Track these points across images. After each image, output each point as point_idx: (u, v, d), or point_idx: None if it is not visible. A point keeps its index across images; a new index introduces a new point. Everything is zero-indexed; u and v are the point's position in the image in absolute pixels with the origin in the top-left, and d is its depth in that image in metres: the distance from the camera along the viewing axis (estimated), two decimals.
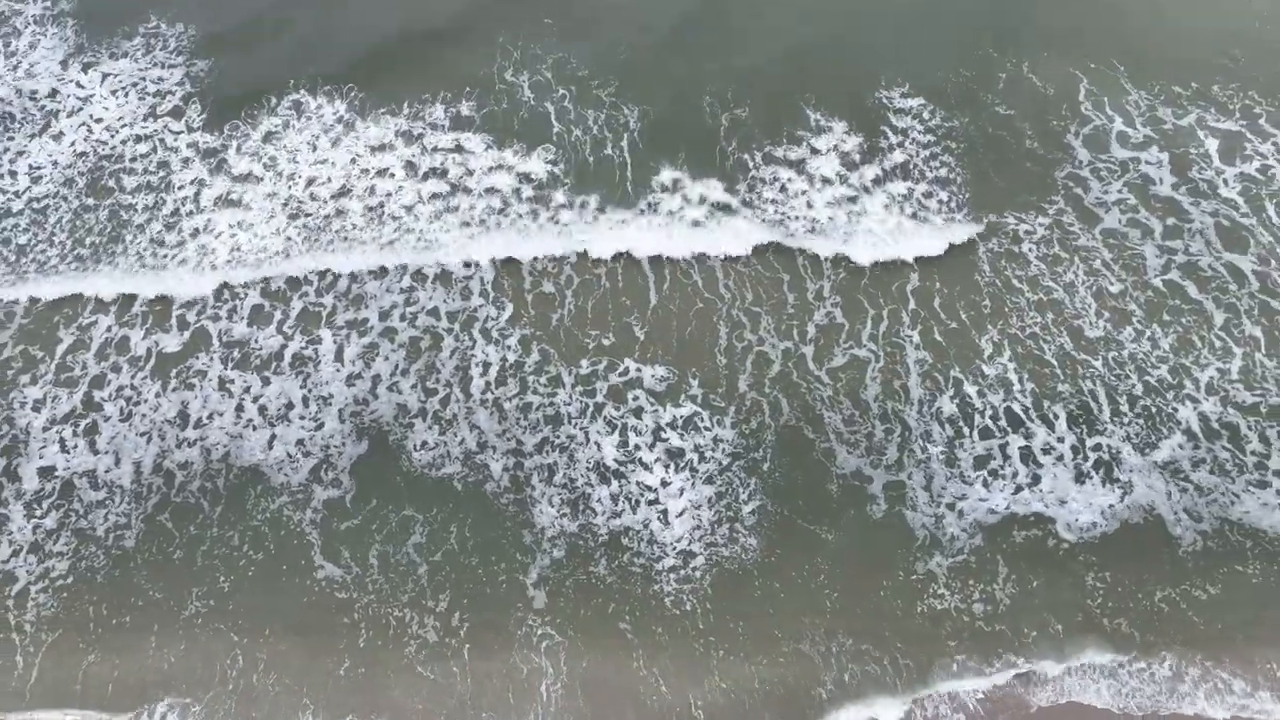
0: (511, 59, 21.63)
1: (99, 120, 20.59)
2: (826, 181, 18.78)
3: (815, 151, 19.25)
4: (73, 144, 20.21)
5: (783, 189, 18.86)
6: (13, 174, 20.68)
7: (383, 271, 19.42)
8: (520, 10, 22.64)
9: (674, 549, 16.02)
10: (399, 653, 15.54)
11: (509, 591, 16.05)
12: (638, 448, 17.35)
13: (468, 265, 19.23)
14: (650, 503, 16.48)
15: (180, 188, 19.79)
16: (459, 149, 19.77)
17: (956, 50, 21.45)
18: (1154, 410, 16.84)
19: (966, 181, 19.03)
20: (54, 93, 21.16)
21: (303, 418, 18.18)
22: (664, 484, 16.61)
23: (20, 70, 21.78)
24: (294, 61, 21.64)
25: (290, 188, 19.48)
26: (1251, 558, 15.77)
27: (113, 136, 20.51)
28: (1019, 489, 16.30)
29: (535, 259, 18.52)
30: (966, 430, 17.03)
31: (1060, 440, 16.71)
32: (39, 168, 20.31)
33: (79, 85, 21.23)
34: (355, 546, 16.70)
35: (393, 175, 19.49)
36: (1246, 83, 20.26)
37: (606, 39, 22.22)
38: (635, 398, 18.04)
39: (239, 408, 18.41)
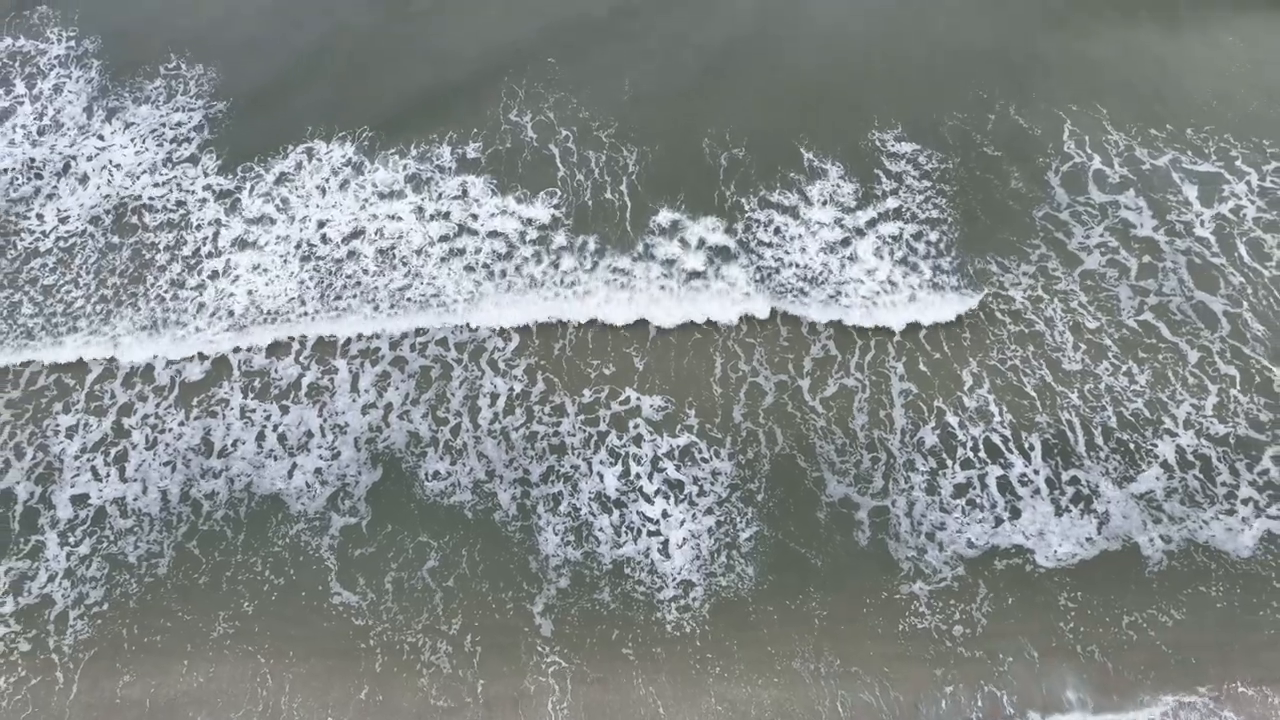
0: (516, 99, 22.58)
1: (119, 167, 21.48)
2: (821, 225, 19.64)
3: (808, 201, 20.10)
4: (97, 188, 21.09)
5: (778, 232, 19.72)
6: (40, 216, 21.61)
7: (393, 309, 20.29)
8: (525, 50, 23.45)
9: (674, 579, 16.95)
10: (413, 680, 16.50)
11: (516, 618, 17.07)
12: (638, 477, 18.27)
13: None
14: (651, 534, 17.39)
15: (198, 227, 20.73)
16: (464, 193, 20.68)
17: (948, 92, 22.28)
18: (1132, 443, 17.71)
19: (956, 223, 19.87)
20: (77, 143, 22.02)
21: (320, 446, 19.10)
22: (664, 515, 17.51)
23: (46, 118, 22.72)
24: (308, 103, 22.59)
25: (302, 230, 20.41)
26: (1215, 579, 16.58)
27: (134, 182, 21.40)
28: (999, 521, 17.19)
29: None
30: (949, 460, 17.90)
31: (1036, 473, 17.57)
32: (65, 211, 21.25)
33: (100, 139, 22.09)
34: (371, 573, 17.71)
35: (400, 219, 20.39)
36: (1221, 125, 21.07)
37: (607, 80, 23.15)
38: (635, 426, 18.97)
39: (260, 436, 19.34)
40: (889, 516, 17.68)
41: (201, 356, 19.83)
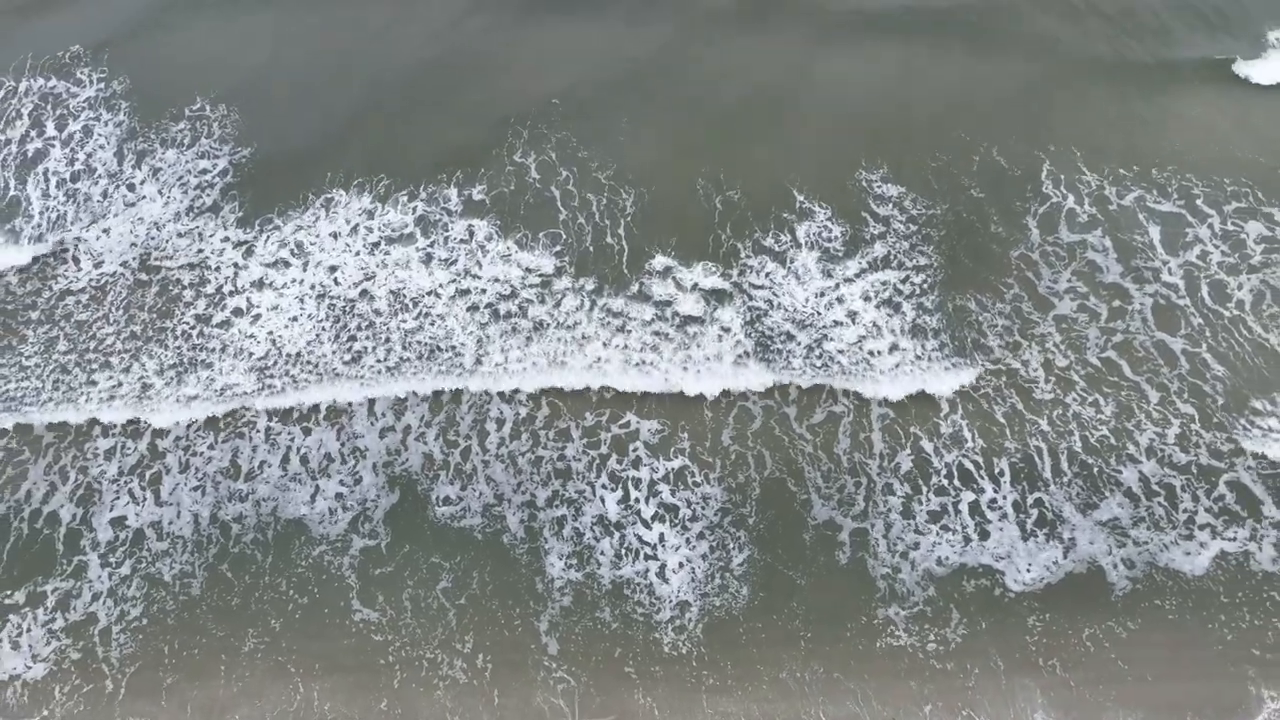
0: (521, 139, 23.90)
1: (145, 218, 22.86)
2: (809, 270, 20.92)
3: (798, 245, 21.35)
4: (129, 240, 22.46)
5: (768, 276, 21.00)
6: (76, 260, 23.02)
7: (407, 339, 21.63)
8: (531, 94, 24.73)
9: (670, 602, 18.34)
10: (430, 692, 18.04)
11: (525, 635, 18.56)
12: (637, 500, 19.66)
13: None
14: (648, 557, 18.79)
15: (217, 268, 22.08)
16: (470, 236, 22.01)
17: (932, 134, 23.46)
18: (1097, 471, 19.02)
19: (940, 268, 21.13)
20: (108, 192, 23.41)
21: (340, 471, 20.52)
22: (661, 539, 18.89)
23: (78, 162, 24.10)
24: (327, 148, 23.96)
25: (316, 275, 21.76)
26: (1170, 594, 18.03)
27: (159, 231, 22.76)
28: (968, 541, 18.55)
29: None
30: (923, 485, 19.24)
31: (1004, 498, 18.90)
32: (100, 254, 22.63)
33: (130, 188, 23.45)
34: (389, 591, 19.18)
35: (410, 263, 21.72)
36: (1184, 165, 22.26)
37: (606, 119, 24.52)
38: (634, 449, 20.34)
39: (284, 459, 20.77)
40: (869, 538, 18.99)
41: (227, 390, 21.13)
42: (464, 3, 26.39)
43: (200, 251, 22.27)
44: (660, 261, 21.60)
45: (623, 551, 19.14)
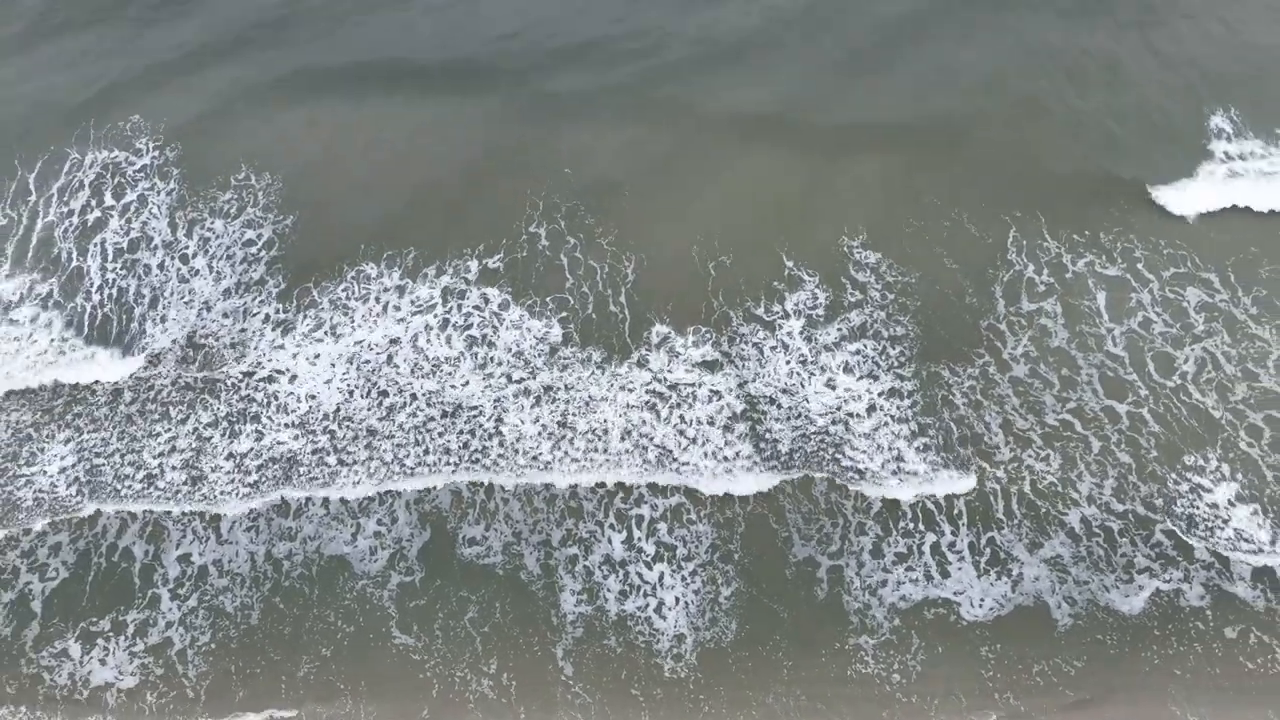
0: (538, 210, 26.53)
1: (195, 294, 25.76)
2: (793, 338, 23.55)
3: (785, 314, 23.90)
4: (180, 321, 25.34)
5: (757, 347, 23.59)
6: (147, 325, 25.91)
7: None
8: (544, 160, 27.37)
9: (668, 635, 21.16)
10: (464, 706, 20.98)
11: (544, 659, 21.51)
12: (640, 539, 22.41)
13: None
14: (649, 594, 21.58)
15: (259, 334, 24.89)
16: (485, 302, 24.73)
17: (906, 197, 25.84)
18: (1043, 513, 21.61)
19: (917, 338, 23.93)
20: (164, 264, 26.22)
21: (377, 510, 23.33)
22: (660, 580, 21.66)
23: (134, 230, 26.91)
24: (361, 219, 26.71)
25: (349, 342, 24.84)
26: (1110, 629, 20.65)
27: (209, 311, 25.67)
28: (930, 577, 21.22)
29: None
30: (892, 526, 21.89)
31: (960, 540, 21.54)
32: (164, 321, 25.51)
33: (183, 259, 26.24)
34: (424, 620, 22.16)
35: (432, 330, 24.42)
36: (1127, 228, 24.62)
37: (610, 186, 27.39)
38: (637, 487, 23.03)
39: (325, 499, 23.60)
40: (843, 574, 21.69)
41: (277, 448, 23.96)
42: (497, 110, 29.20)
43: (243, 331, 25.02)
44: (659, 331, 24.16)
45: (627, 588, 21.90)
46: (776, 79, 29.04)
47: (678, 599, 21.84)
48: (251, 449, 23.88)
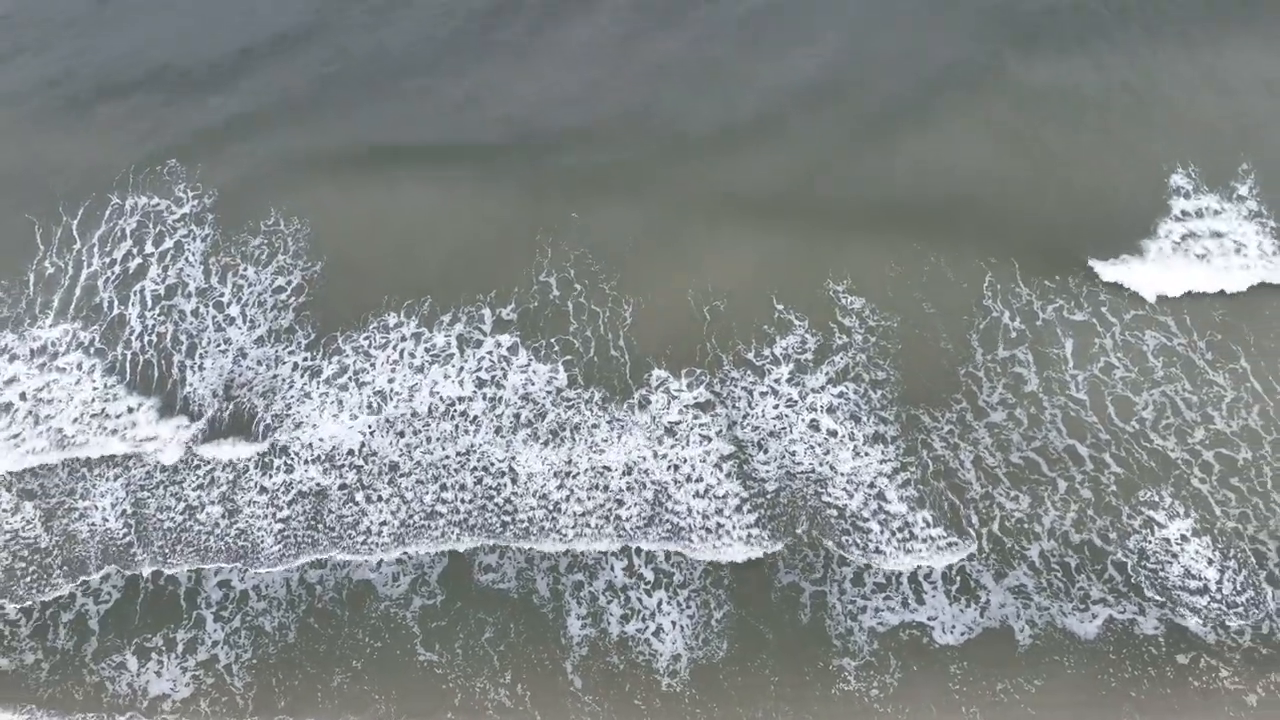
0: (547, 257, 28.54)
1: (230, 342, 28.06)
2: (781, 382, 25.54)
3: (775, 359, 25.85)
4: (213, 363, 27.60)
5: (748, 391, 25.59)
6: (186, 373, 28.12)
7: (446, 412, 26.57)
8: (554, 208, 29.38)
9: (665, 656, 23.33)
10: (483, 713, 23.36)
11: (554, 673, 23.91)
12: (639, 565, 24.52)
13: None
14: (647, 618, 23.71)
15: (288, 382, 27.15)
16: (498, 346, 26.73)
17: (889, 244, 27.64)
18: (1009, 547, 23.57)
19: (898, 382, 26.01)
20: (198, 310, 28.41)
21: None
22: (660, 606, 23.78)
23: (170, 277, 29.10)
24: (384, 268, 28.83)
25: (370, 389, 27.11)
26: (1068, 651, 22.78)
27: (244, 359, 27.98)
28: (906, 604, 23.25)
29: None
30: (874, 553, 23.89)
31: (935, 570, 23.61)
32: (202, 370, 27.75)
33: (217, 307, 28.33)
34: (445, 639, 24.50)
35: (449, 376, 26.51)
36: (1089, 275, 26.44)
37: (614, 231, 29.64)
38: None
39: (356, 524, 25.82)
40: (825, 599, 23.74)
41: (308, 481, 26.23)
42: (513, 193, 31.27)
43: (275, 377, 27.20)
44: (657, 375, 26.15)
45: (628, 612, 24.06)
46: (775, 157, 31.08)
47: (674, 623, 23.97)
48: (283, 481, 26.07)
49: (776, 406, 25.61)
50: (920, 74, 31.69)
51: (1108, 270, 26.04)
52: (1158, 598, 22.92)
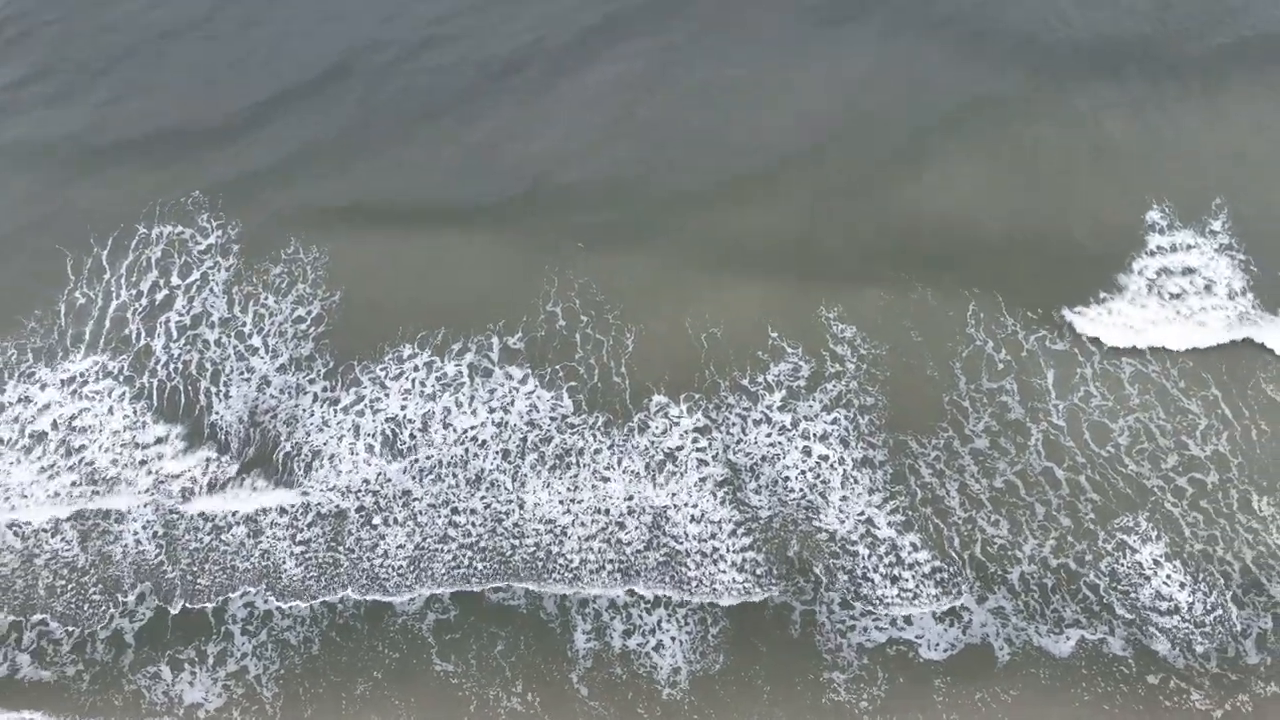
0: (555, 286, 29.85)
1: (254, 371, 29.49)
2: (774, 409, 26.81)
3: (769, 387, 27.09)
4: (237, 390, 29.10)
5: (743, 417, 26.88)
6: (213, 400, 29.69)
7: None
8: (562, 237, 30.84)
9: (665, 669, 24.81)
10: (496, 717, 25.02)
11: (561, 682, 25.59)
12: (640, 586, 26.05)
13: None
14: (648, 634, 25.16)
15: (309, 411, 28.57)
16: (508, 378, 28.16)
17: (877, 272, 28.85)
18: (990, 571, 24.88)
19: (885, 409, 27.36)
20: (221, 340, 29.86)
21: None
22: (659, 624, 25.21)
23: (195, 307, 30.48)
24: (399, 300, 30.16)
25: (384, 418, 28.67)
26: (1041, 665, 24.26)
27: (267, 388, 29.44)
28: (894, 623, 24.61)
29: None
30: (861, 577, 25.24)
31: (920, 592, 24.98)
32: (228, 398, 29.26)
33: (239, 337, 29.76)
34: (460, 651, 26.01)
35: (461, 405, 27.86)
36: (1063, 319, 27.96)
37: (617, 260, 31.03)
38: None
39: (374, 546, 27.31)
40: (815, 616, 25.14)
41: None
42: (523, 236, 32.54)
43: (297, 405, 28.66)
44: (656, 401, 27.47)
45: (630, 628, 25.52)
46: (772, 207, 32.11)
47: (673, 639, 25.43)
48: (302, 504, 27.58)
49: (769, 435, 26.93)
50: (909, 124, 32.96)
51: (1082, 322, 27.17)
52: (1128, 616, 24.22)
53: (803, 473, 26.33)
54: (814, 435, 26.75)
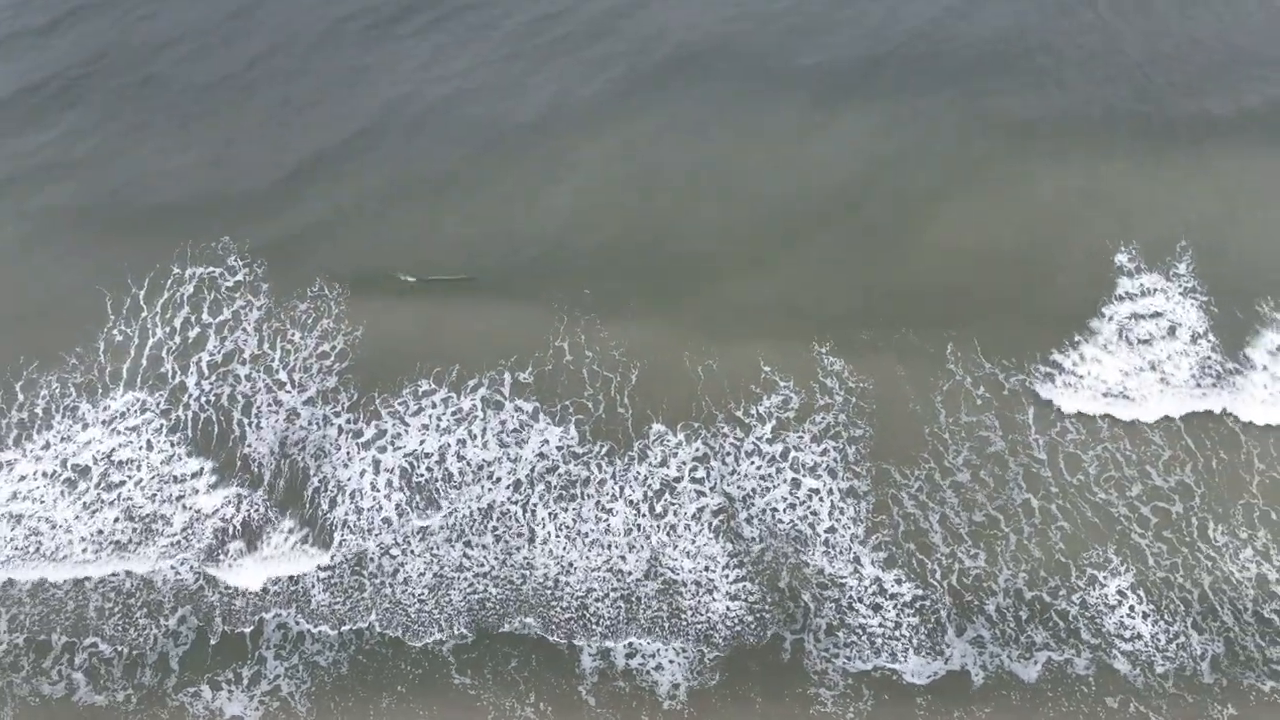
0: (563, 323, 31.52)
1: (281, 404, 31.45)
2: (764, 440, 28.48)
3: (760, 418, 28.67)
4: (268, 423, 31.01)
5: (737, 446, 28.53)
6: (245, 429, 31.52)
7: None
8: (569, 279, 32.66)
9: (665, 685, 26.66)
10: None
11: (571, 694, 27.55)
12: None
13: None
14: (647, 656, 26.96)
15: (336, 444, 30.48)
16: (518, 411, 29.89)
17: (862, 311, 30.35)
18: (971, 602, 26.53)
19: (870, 439, 29.07)
20: (250, 375, 31.59)
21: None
22: (659, 648, 27.01)
23: (228, 344, 32.20)
24: (413, 338, 31.87)
25: (402, 452, 30.60)
26: (1012, 687, 25.98)
27: (295, 421, 31.34)
28: (879, 652, 26.30)
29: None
30: (846, 609, 26.95)
31: (905, 624, 26.60)
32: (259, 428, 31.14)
33: (267, 371, 31.50)
34: (476, 667, 27.87)
35: (475, 437, 29.58)
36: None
37: (620, 301, 33.38)
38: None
39: (394, 572, 29.15)
40: (803, 642, 26.87)
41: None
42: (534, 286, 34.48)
43: (324, 436, 30.42)
44: (656, 430, 29.16)
45: (632, 650, 27.49)
46: (767, 268, 34.22)
47: (671, 660, 27.26)
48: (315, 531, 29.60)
49: (759, 467, 28.60)
50: (896, 186, 35.26)
51: (1050, 390, 28.94)
52: (1093, 641, 25.87)
53: (792, 505, 28.03)
54: (803, 466, 28.37)
